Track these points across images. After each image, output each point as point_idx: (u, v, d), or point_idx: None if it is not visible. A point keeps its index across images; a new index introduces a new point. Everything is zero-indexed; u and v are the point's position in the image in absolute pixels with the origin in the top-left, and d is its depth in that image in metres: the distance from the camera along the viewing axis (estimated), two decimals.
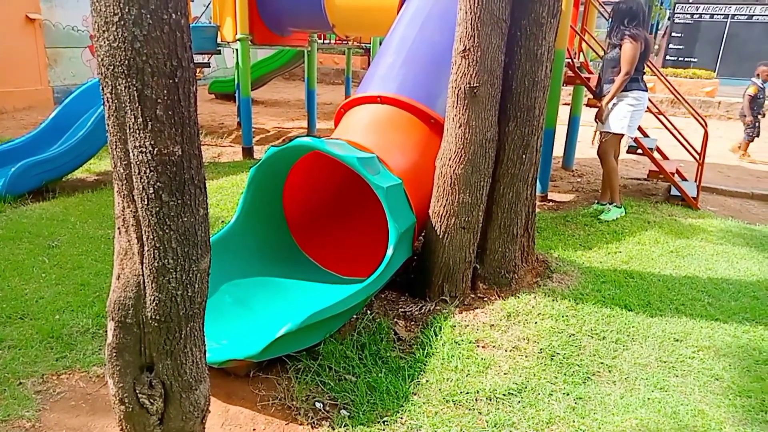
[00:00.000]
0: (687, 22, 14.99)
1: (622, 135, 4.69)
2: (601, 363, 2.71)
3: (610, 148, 4.81)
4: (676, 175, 5.60)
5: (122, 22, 1.25)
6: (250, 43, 6.61)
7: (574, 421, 2.30)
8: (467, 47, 2.93)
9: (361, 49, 11.61)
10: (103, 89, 1.33)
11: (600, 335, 2.93)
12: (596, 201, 5.06)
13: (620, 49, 4.46)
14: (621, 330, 2.99)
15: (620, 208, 4.81)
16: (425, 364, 2.63)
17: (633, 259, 3.95)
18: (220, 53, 8.52)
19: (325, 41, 10.65)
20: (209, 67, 10.37)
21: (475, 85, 2.95)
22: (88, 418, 2.25)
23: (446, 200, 3.11)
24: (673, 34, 15.13)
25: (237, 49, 6.76)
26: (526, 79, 3.09)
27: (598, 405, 2.41)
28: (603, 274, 3.65)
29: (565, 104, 8.12)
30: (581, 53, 6.47)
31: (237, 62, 7.18)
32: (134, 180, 1.37)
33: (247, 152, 6.76)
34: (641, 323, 3.07)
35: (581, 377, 2.59)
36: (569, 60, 5.28)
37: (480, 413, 2.34)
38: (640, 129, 5.81)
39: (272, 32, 7.08)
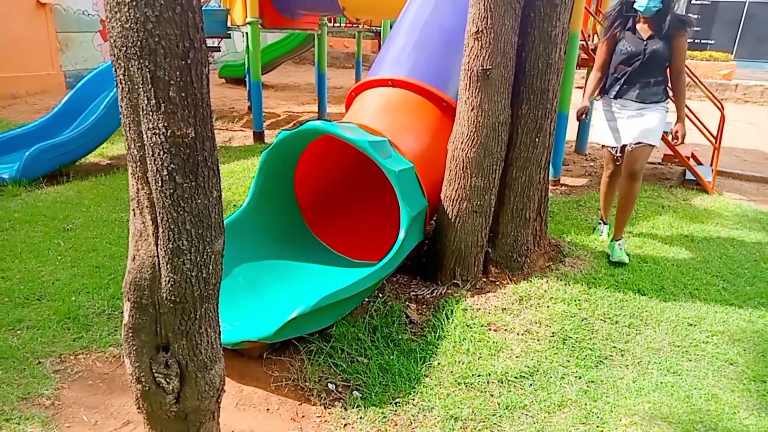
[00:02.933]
0: (704, 3, 14.69)
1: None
2: (614, 347, 2.70)
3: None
4: (691, 159, 5.53)
5: (134, 3, 1.25)
6: (260, 26, 6.58)
7: (586, 404, 2.30)
8: (480, 29, 2.89)
9: (372, 32, 11.52)
10: (116, 71, 1.33)
11: (613, 319, 2.92)
12: (611, 238, 3.71)
13: (671, 42, 3.39)
14: (634, 314, 2.98)
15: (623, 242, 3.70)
16: (437, 347, 2.64)
17: (646, 244, 3.91)
18: (230, 37, 8.49)
19: (336, 25, 10.57)
20: (219, 51, 10.34)
21: (487, 67, 2.91)
22: (105, 397, 2.30)
23: (458, 184, 3.10)
24: (690, 15, 14.83)
25: (247, 33, 6.73)
26: (539, 62, 3.05)
27: (611, 388, 2.41)
28: None
29: (578, 87, 8.01)
30: (595, 35, 6.37)
31: (247, 46, 7.15)
32: (148, 162, 1.37)
33: (258, 137, 6.76)
34: (654, 307, 3.06)
35: (593, 361, 2.59)
36: (583, 42, 5.20)
37: (492, 395, 2.35)
38: None
39: (282, 15, 7.03)
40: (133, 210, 1.45)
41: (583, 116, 3.65)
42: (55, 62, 9.42)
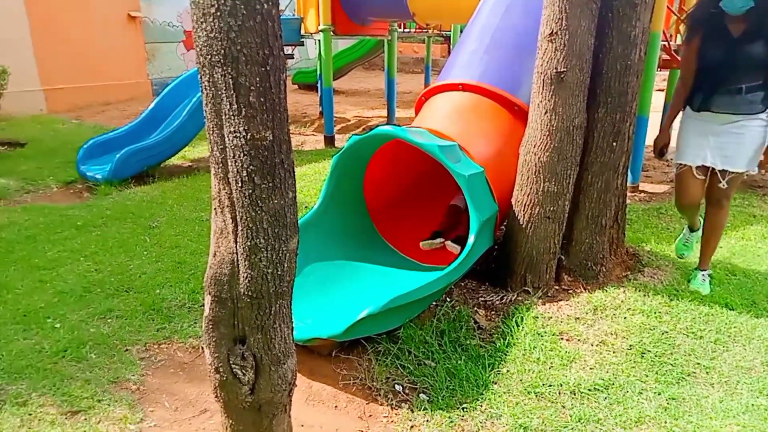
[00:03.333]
0: None
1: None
2: (698, 363, 2.54)
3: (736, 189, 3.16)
4: None
5: (218, 13, 1.32)
6: (332, 33, 6.74)
7: (666, 422, 2.18)
8: (554, 31, 2.82)
9: (441, 37, 11.49)
10: (201, 78, 1.41)
11: (697, 334, 2.75)
12: (696, 267, 3.33)
13: (764, 41, 2.81)
14: (721, 330, 2.79)
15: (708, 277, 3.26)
16: (506, 354, 2.59)
17: (736, 255, 3.65)
18: (303, 45, 8.74)
19: (405, 30, 10.63)
20: (293, 58, 10.68)
21: (562, 70, 2.83)
22: (185, 385, 2.43)
23: (530, 189, 3.03)
24: None
25: (319, 40, 6.91)
26: (618, 63, 2.93)
27: (694, 407, 2.27)
28: None
29: (659, 90, 7.61)
30: (678, 35, 6.03)
31: (319, 53, 7.33)
32: (229, 163, 1.44)
33: (329, 141, 6.91)
34: (744, 324, 2.85)
35: (675, 377, 2.45)
36: (665, 42, 4.94)
37: (563, 407, 2.27)
38: None
39: (353, 22, 7.17)
40: (215, 209, 1.53)
41: (664, 151, 3.16)
42: (142, 71, 10.09)
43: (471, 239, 2.79)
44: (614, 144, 3.02)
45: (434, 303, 2.91)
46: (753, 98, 2.85)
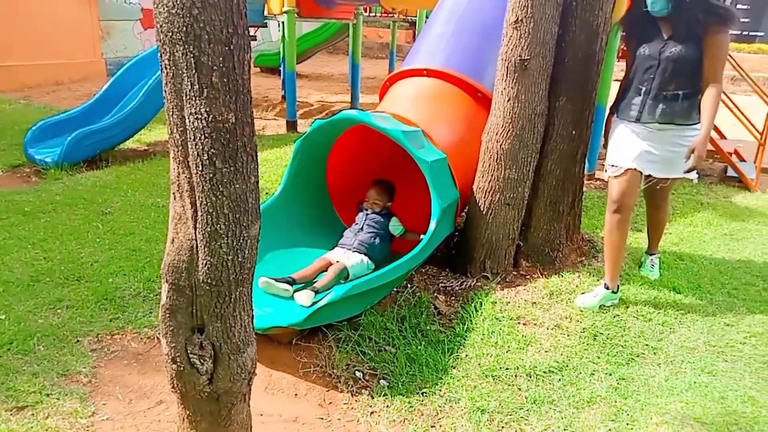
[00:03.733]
0: None
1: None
2: (646, 345, 2.65)
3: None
4: (733, 155, 5.35)
5: None
6: (296, 15, 6.61)
7: (615, 401, 2.27)
8: (519, 18, 2.85)
9: (407, 22, 11.45)
10: (161, 56, 1.35)
11: (646, 317, 2.86)
12: (645, 251, 3.39)
13: (703, 41, 2.59)
14: (668, 312, 2.91)
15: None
16: (465, 339, 2.64)
17: (684, 241, 3.81)
18: (266, 26, 8.56)
19: (371, 14, 10.54)
20: (255, 40, 10.45)
21: (526, 57, 2.87)
22: (140, 377, 2.37)
23: (491, 176, 3.07)
24: (738, 6, 14.27)
25: (283, 22, 6.77)
26: (580, 52, 2.99)
27: (642, 386, 2.37)
28: None
29: (617, 80, 7.80)
30: None
31: (283, 35, 7.20)
32: (189, 146, 1.40)
33: (291, 125, 6.82)
34: (690, 306, 2.98)
35: (625, 358, 2.54)
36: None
37: (519, 389, 2.33)
38: None
39: (318, 5, 7.05)
40: (173, 193, 1.48)
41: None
42: (97, 50, 9.67)
43: (432, 225, 2.81)
44: (574, 132, 3.09)
45: (395, 289, 2.93)
46: (689, 106, 2.67)
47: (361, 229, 3.05)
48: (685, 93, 2.66)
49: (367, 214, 3.11)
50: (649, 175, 2.88)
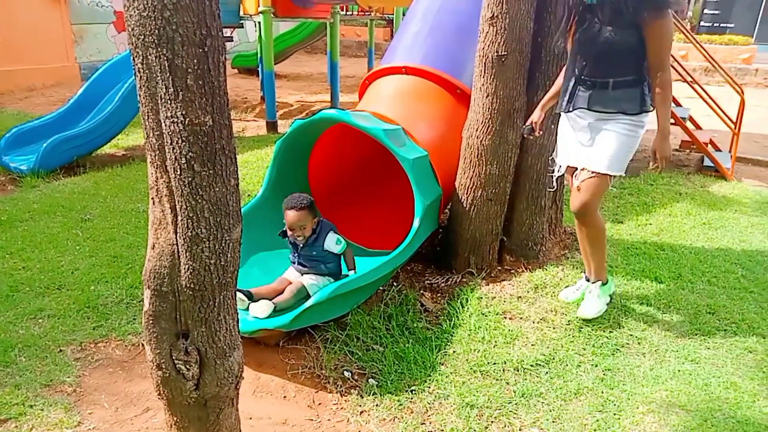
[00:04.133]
0: None
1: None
2: (631, 335, 2.68)
3: (600, 199, 2.71)
4: (709, 145, 5.45)
5: None
6: (272, 15, 6.56)
7: (602, 392, 2.29)
8: (495, 14, 2.86)
9: (384, 20, 11.43)
10: (134, 59, 1.33)
11: (629, 307, 2.90)
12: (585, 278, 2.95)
13: (643, 28, 2.38)
14: (651, 302, 2.95)
15: (609, 286, 2.87)
16: (452, 335, 2.64)
17: (664, 231, 3.87)
18: (242, 27, 8.48)
19: (348, 13, 10.51)
20: (232, 41, 10.36)
21: (503, 53, 2.88)
22: (125, 384, 2.33)
23: (473, 172, 3.08)
24: None
25: (259, 22, 6.72)
26: (555, 47, 3.00)
27: (627, 376, 2.40)
28: (632, 246, 3.59)
29: None
30: None
31: (260, 35, 7.14)
32: (167, 150, 1.38)
33: (271, 126, 6.77)
34: (672, 295, 3.03)
35: (610, 349, 2.58)
36: None
37: (507, 383, 2.35)
38: (672, 99, 5.63)
39: (294, 4, 7.00)
40: (152, 198, 1.46)
41: (531, 135, 2.84)
42: (70, 54, 9.49)
43: (416, 223, 2.81)
44: (552, 126, 3.11)
45: (381, 288, 2.93)
46: (621, 95, 2.47)
47: (301, 265, 2.71)
48: (616, 81, 2.47)
49: (298, 252, 2.69)
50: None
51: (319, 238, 2.67)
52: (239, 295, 2.51)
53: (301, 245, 2.67)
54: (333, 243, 2.68)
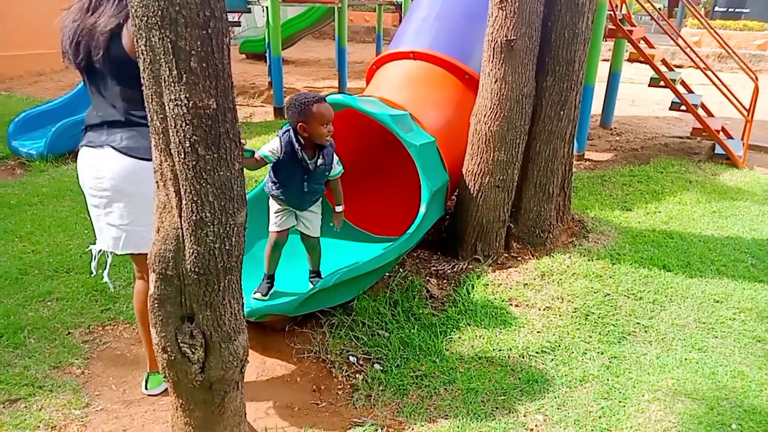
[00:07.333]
0: None
1: None
2: (637, 323, 2.67)
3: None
4: (721, 132, 5.37)
5: None
6: (280, 0, 6.51)
7: (608, 380, 2.29)
8: None
9: (392, 5, 11.32)
10: (137, 41, 1.32)
11: (636, 295, 2.88)
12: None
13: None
14: (659, 290, 2.93)
15: None
16: (458, 322, 2.64)
17: (673, 219, 3.83)
18: (250, 11, 8.42)
19: None
20: (240, 25, 10.30)
21: (512, 37, 2.84)
22: (132, 367, 2.36)
23: (481, 158, 3.06)
24: None
25: (267, 7, 6.67)
26: (566, 32, 2.96)
27: (634, 364, 2.39)
28: (641, 234, 3.56)
29: (605, 60, 7.79)
30: (624, 5, 6.16)
31: (267, 21, 7.09)
32: (171, 134, 1.37)
33: (279, 112, 6.75)
34: (680, 284, 3.00)
35: (616, 337, 2.56)
36: (611, 12, 5.03)
37: (513, 370, 2.35)
38: (683, 84, 5.55)
39: None
40: (157, 182, 1.46)
41: None
42: None
43: (422, 209, 2.80)
44: (561, 113, 3.08)
45: (387, 274, 2.93)
46: (116, 131, 2.10)
47: (310, 193, 2.41)
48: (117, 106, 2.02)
49: (310, 175, 2.35)
50: None
51: (327, 155, 2.36)
52: (263, 285, 2.47)
53: (314, 167, 2.32)
54: (337, 162, 2.42)
